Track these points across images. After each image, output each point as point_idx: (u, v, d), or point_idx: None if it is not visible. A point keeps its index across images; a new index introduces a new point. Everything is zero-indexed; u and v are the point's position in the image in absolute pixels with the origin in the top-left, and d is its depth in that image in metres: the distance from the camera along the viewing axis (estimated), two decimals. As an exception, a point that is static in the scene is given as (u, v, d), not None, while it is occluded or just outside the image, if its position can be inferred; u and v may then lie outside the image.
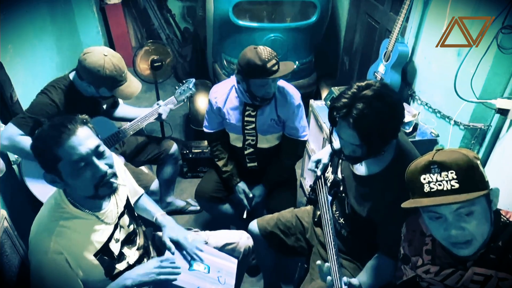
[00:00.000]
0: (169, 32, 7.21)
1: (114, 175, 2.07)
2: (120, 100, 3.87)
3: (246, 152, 3.53)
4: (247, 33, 4.88)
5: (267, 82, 3.04)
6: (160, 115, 3.61)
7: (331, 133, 2.33)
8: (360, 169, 2.41)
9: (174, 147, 4.04)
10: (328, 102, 3.92)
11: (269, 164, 3.56)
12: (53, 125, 1.92)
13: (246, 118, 3.31)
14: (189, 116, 5.25)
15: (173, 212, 4.36)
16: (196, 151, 4.90)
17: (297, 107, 3.30)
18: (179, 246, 2.50)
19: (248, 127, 3.34)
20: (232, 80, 3.33)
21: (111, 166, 2.05)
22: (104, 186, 2.02)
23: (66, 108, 3.11)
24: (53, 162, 1.90)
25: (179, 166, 4.36)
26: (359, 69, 5.28)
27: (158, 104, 3.66)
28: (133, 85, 3.28)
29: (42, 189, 3.19)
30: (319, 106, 4.14)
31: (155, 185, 3.61)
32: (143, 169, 3.94)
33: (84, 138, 1.93)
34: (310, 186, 3.01)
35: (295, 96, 3.30)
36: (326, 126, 3.74)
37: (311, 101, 4.22)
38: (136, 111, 3.79)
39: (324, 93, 5.27)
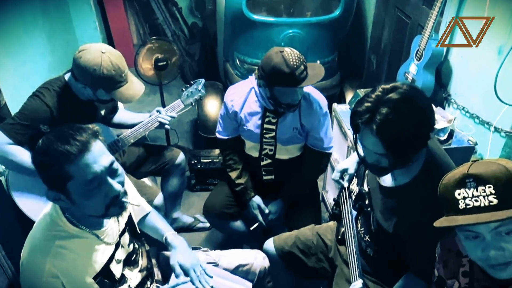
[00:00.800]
0: (175, 28, 7.25)
1: (125, 193, 2.07)
2: (120, 105, 3.86)
3: (262, 163, 3.51)
4: (263, 29, 4.89)
5: (295, 90, 3.01)
6: (161, 123, 3.60)
7: (355, 140, 2.32)
8: (387, 180, 2.41)
9: (180, 157, 4.01)
10: (353, 106, 3.92)
11: (288, 177, 3.54)
12: (62, 137, 1.85)
13: (265, 126, 3.29)
14: (198, 121, 5.26)
15: (180, 229, 4.36)
16: (205, 161, 4.90)
17: (323, 116, 3.28)
18: (186, 274, 2.48)
19: (267, 136, 3.32)
20: (251, 81, 3.30)
21: (123, 184, 2.05)
22: (116, 206, 2.02)
23: (60, 113, 3.10)
24: (61, 180, 1.86)
25: (186, 178, 4.37)
26: (388, 69, 5.28)
27: (158, 111, 3.63)
28: (134, 86, 3.24)
29: (31, 205, 3.19)
30: (343, 110, 4.14)
31: (159, 199, 3.62)
32: (146, 182, 3.94)
33: (99, 155, 1.90)
34: (333, 199, 3.01)
35: (322, 103, 3.27)
36: (351, 133, 3.74)
37: (334, 105, 4.23)
38: (137, 117, 3.77)
39: (349, 96, 5.25)
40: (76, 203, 1.94)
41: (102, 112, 3.57)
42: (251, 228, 3.54)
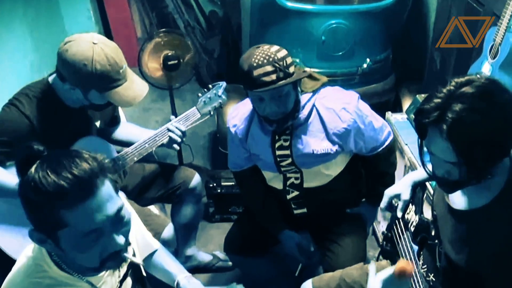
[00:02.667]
0: (188, 18, 7.27)
1: (128, 245, 1.99)
2: (122, 118, 3.88)
3: (289, 196, 3.42)
4: (299, 20, 4.88)
5: (259, 97, 2.94)
6: (170, 139, 3.51)
7: (420, 148, 2.27)
8: (459, 201, 2.34)
9: (195, 179, 4.00)
10: (412, 116, 3.89)
11: (324, 207, 3.46)
12: (59, 171, 1.70)
13: (278, 152, 3.20)
14: (217, 135, 5.28)
15: (195, 269, 4.34)
16: (226, 184, 4.89)
17: (356, 119, 3.10)
18: None
19: (283, 163, 3.24)
20: None
21: (128, 234, 1.96)
22: (114, 261, 1.93)
23: (42, 126, 3.08)
24: (52, 226, 1.76)
25: (203, 206, 4.37)
26: (455, 70, 5.23)
27: (169, 121, 3.56)
28: (135, 86, 3.18)
29: (9, 239, 3.18)
30: (399, 121, 4.13)
31: (169, 232, 3.62)
32: (152, 210, 3.91)
33: (105, 200, 1.78)
34: (382, 233, 2.99)
35: (342, 115, 3.08)
36: (409, 149, 3.72)
37: (388, 114, 4.23)
38: (145, 134, 3.62)
39: (406, 103, 5.19)
40: (66, 252, 1.86)
41: (98, 123, 3.53)
42: (297, 274, 3.52)
